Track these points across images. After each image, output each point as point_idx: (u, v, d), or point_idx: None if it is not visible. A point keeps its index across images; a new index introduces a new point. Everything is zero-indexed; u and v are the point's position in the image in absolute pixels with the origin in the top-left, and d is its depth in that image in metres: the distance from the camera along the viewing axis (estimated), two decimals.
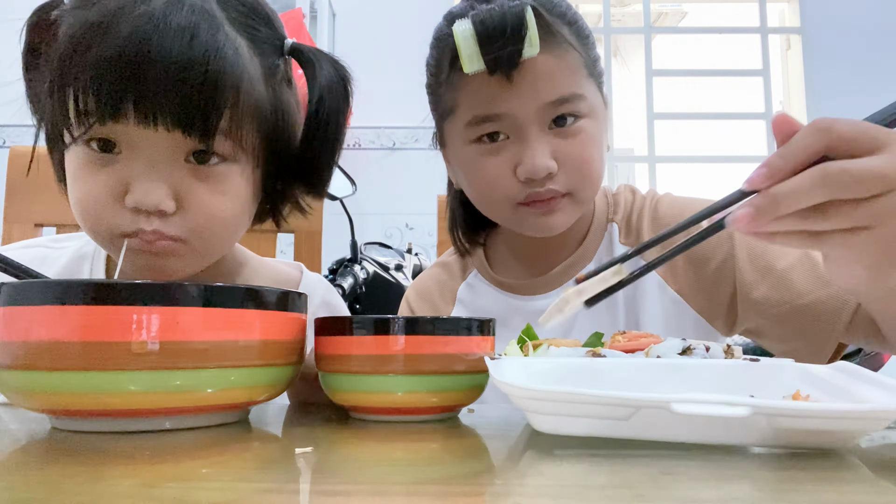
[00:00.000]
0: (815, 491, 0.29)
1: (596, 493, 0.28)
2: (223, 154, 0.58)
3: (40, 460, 0.35)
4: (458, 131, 0.74)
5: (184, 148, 0.57)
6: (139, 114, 0.53)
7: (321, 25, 2.58)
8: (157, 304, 0.38)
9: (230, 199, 0.60)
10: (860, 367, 0.43)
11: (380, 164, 2.60)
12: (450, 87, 0.73)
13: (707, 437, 0.36)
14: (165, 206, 0.56)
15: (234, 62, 0.55)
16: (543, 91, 0.69)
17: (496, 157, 0.72)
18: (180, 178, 0.57)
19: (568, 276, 0.83)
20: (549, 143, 0.70)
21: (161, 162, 0.56)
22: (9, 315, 0.39)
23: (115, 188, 0.56)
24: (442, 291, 0.89)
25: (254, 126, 0.59)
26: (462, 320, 0.47)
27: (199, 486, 0.29)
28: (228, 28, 0.56)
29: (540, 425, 0.37)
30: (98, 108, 0.52)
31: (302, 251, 1.04)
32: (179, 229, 0.57)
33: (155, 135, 0.55)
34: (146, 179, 0.55)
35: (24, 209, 0.97)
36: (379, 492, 0.29)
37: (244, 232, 0.68)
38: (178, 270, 0.61)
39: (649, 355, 0.56)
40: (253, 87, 0.58)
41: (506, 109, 0.69)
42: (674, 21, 3.84)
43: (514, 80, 0.68)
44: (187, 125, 0.54)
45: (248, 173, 0.62)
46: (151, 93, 0.52)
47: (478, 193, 0.77)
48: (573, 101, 0.70)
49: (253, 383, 0.43)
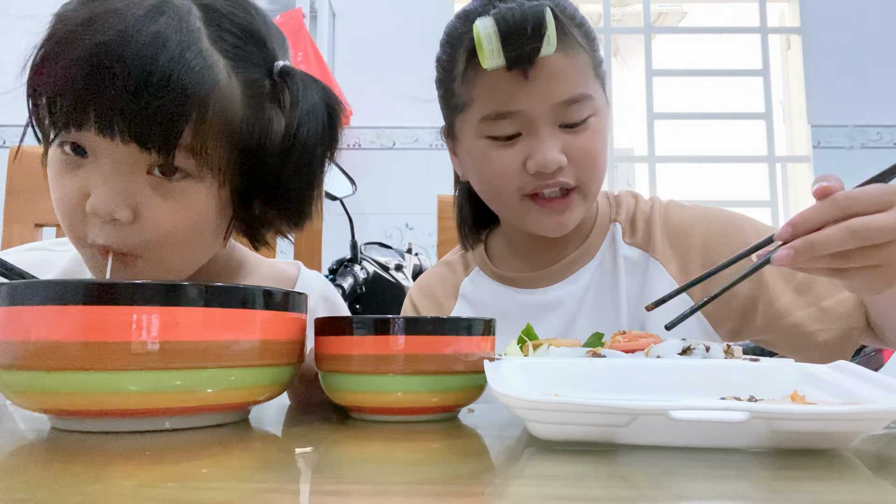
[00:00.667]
0: (815, 491, 0.29)
1: (596, 493, 0.28)
2: (186, 170, 0.57)
3: (40, 460, 0.35)
4: (472, 125, 0.76)
5: (146, 160, 0.56)
6: (98, 123, 0.52)
7: (321, 25, 2.58)
8: (157, 304, 0.38)
9: (189, 216, 0.58)
10: (860, 367, 0.43)
11: (380, 164, 2.60)
12: (465, 83, 0.75)
13: (706, 441, 0.36)
14: (120, 215, 0.55)
15: (201, 78, 0.53)
16: (557, 90, 0.72)
17: (507, 151, 0.74)
18: (140, 189, 0.56)
19: (570, 272, 0.84)
20: (560, 138, 0.73)
21: (123, 171, 0.55)
22: (9, 315, 0.39)
23: (81, 192, 0.56)
24: (444, 287, 0.91)
25: (222, 144, 0.57)
26: (462, 320, 0.47)
27: (199, 486, 0.29)
28: (207, 44, 0.55)
29: (539, 433, 0.37)
30: (62, 116, 0.53)
31: (302, 251, 1.04)
32: (134, 241, 0.57)
33: (114, 147, 0.54)
34: (105, 186, 0.55)
35: (24, 209, 0.97)
36: (379, 492, 0.29)
37: (213, 248, 0.66)
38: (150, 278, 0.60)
39: (649, 355, 0.56)
40: (225, 105, 0.56)
41: (521, 106, 0.72)
42: (674, 21, 3.84)
43: (530, 77, 0.70)
44: (144, 138, 0.53)
45: (214, 191, 0.59)
46: (111, 104, 0.51)
47: (486, 184, 0.79)
48: (582, 102, 0.73)
49: (253, 383, 0.43)
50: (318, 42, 2.48)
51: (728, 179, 3.17)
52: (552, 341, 0.57)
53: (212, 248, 0.65)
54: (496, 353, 0.52)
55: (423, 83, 0.85)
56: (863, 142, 2.60)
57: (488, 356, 0.48)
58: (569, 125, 0.73)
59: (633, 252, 0.83)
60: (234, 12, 0.59)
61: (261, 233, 0.67)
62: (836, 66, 2.62)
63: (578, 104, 0.73)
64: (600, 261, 0.84)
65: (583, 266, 0.84)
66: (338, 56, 2.66)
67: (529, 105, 0.72)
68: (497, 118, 0.73)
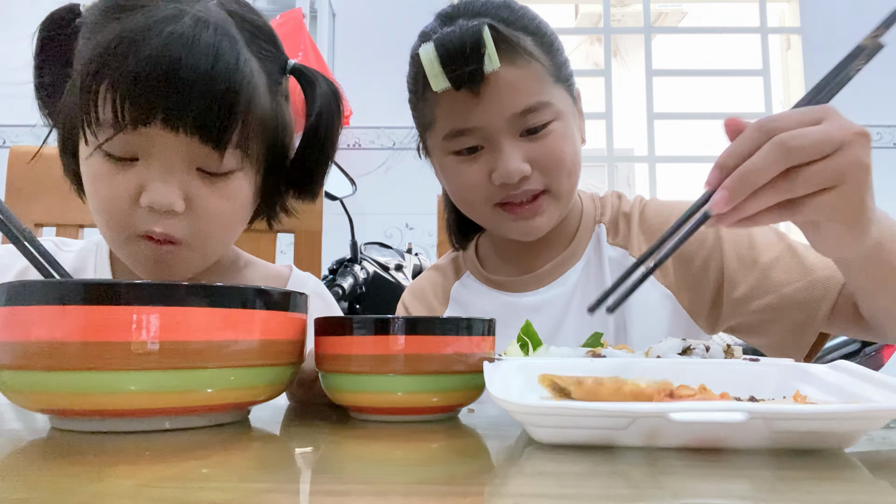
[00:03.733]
0: (814, 491, 0.29)
1: (596, 493, 0.28)
2: (232, 165, 0.63)
3: (40, 460, 0.35)
4: (438, 142, 0.78)
5: (196, 158, 0.61)
6: (166, 119, 0.58)
7: (321, 25, 2.58)
8: (157, 304, 0.38)
9: (234, 204, 0.65)
10: (860, 367, 0.43)
11: (380, 164, 2.60)
12: (427, 103, 0.78)
13: (706, 442, 0.36)
14: (177, 206, 0.60)
15: (248, 80, 0.61)
16: (509, 102, 0.73)
17: (473, 165, 0.76)
18: (191, 183, 0.62)
19: (557, 274, 0.85)
20: (521, 148, 0.74)
21: (175, 169, 0.61)
22: (9, 315, 0.39)
23: (132, 191, 0.60)
24: (436, 291, 0.92)
25: (259, 137, 0.64)
26: (462, 320, 0.47)
27: (199, 486, 0.29)
28: (244, 49, 0.61)
29: (539, 437, 0.37)
30: (131, 114, 0.57)
31: (302, 251, 1.04)
32: (185, 230, 0.62)
33: (172, 143, 0.59)
34: (160, 182, 0.60)
35: (24, 209, 0.97)
36: (379, 492, 0.29)
37: (238, 235, 0.72)
38: (181, 274, 0.65)
39: (649, 355, 0.56)
40: (260, 102, 0.63)
41: (477, 122, 0.74)
42: (674, 21, 3.84)
43: (482, 94, 0.72)
44: (206, 132, 0.59)
45: (251, 179, 0.67)
46: (179, 102, 0.57)
47: (458, 197, 0.81)
48: (540, 110, 0.74)
49: (253, 383, 0.43)
50: (318, 42, 2.48)
51: None
52: None
53: (240, 232, 0.72)
54: (496, 354, 0.52)
55: None
56: None
57: (488, 356, 0.48)
58: (529, 132, 0.74)
59: (615, 252, 0.84)
60: (251, 16, 0.66)
61: (277, 214, 0.75)
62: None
63: (536, 112, 0.73)
64: (586, 262, 0.85)
65: (570, 268, 0.85)
66: (338, 56, 2.66)
67: (485, 120, 0.73)
68: (457, 135, 0.75)
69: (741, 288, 0.76)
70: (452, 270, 0.94)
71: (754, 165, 0.47)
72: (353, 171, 2.17)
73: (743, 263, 0.77)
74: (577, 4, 3.55)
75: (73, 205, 0.93)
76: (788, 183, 0.47)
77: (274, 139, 0.67)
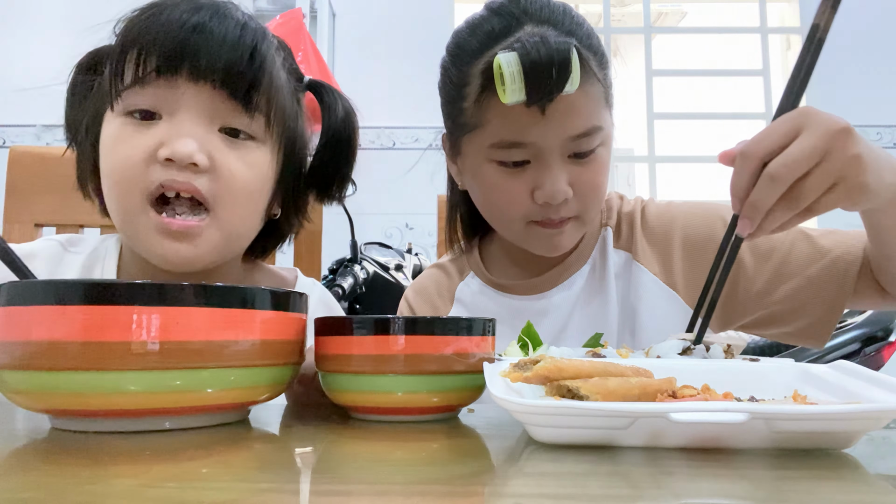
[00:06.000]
0: (814, 491, 0.29)
1: (596, 493, 0.28)
2: (254, 132, 0.65)
3: (40, 460, 0.35)
4: (480, 148, 0.75)
5: (220, 116, 0.63)
6: (193, 69, 0.60)
7: (321, 25, 2.58)
8: (157, 304, 0.38)
9: (255, 171, 0.66)
10: (860, 367, 0.43)
11: (380, 164, 2.60)
12: (477, 105, 0.74)
13: (707, 442, 0.36)
14: (198, 158, 0.60)
15: (274, 58, 0.64)
16: (571, 124, 0.71)
17: (516, 179, 0.74)
18: (213, 142, 0.62)
19: (564, 277, 0.85)
20: (568, 170, 0.73)
21: (199, 126, 0.62)
22: (9, 315, 0.39)
23: (152, 146, 0.60)
24: (440, 291, 0.91)
25: (281, 122, 0.67)
26: (462, 320, 0.47)
27: (199, 486, 0.29)
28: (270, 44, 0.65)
29: (540, 437, 0.37)
30: (159, 60, 0.59)
31: (302, 251, 1.04)
32: (208, 187, 0.62)
33: (196, 100, 0.61)
34: (183, 136, 0.60)
35: (24, 209, 0.97)
36: (379, 492, 0.29)
37: (259, 225, 0.71)
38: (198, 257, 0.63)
39: (649, 355, 0.56)
40: (284, 92, 0.66)
41: (534, 139, 0.71)
42: (674, 21, 3.84)
43: (547, 112, 0.70)
44: (234, 86, 0.61)
45: (271, 158, 0.68)
46: (208, 53, 0.60)
47: (493, 209, 0.79)
48: (593, 135, 0.73)
49: (253, 383, 0.43)
50: (318, 42, 2.48)
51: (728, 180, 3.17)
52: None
53: (257, 225, 0.71)
54: (496, 355, 0.52)
55: (422, 83, 0.85)
56: None
57: (488, 356, 0.48)
58: (577, 155, 0.73)
59: (619, 256, 0.85)
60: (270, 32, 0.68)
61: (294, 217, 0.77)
62: (836, 66, 2.62)
63: (589, 137, 0.72)
64: (592, 265, 0.85)
65: (576, 272, 0.85)
66: (338, 56, 2.66)
67: (542, 138, 0.71)
68: (508, 146, 0.73)
69: (760, 281, 0.77)
70: (456, 270, 0.92)
71: (757, 198, 0.53)
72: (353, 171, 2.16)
73: (758, 255, 0.77)
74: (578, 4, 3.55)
75: (73, 205, 0.93)
76: (794, 199, 0.53)
77: (294, 139, 0.69)
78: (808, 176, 0.52)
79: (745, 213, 0.54)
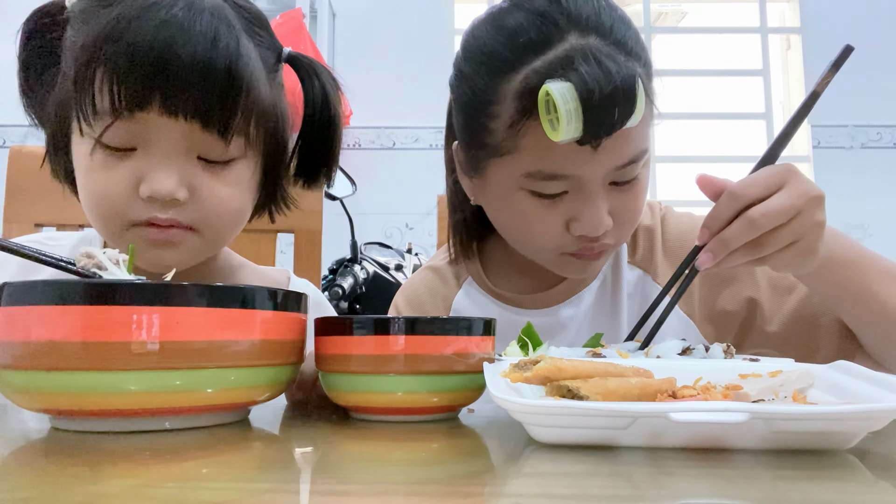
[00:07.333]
0: (814, 491, 0.29)
1: (596, 492, 0.28)
2: (234, 149, 0.61)
3: (40, 460, 0.35)
4: (510, 175, 0.66)
5: (196, 146, 0.59)
6: (164, 103, 0.56)
7: (321, 25, 2.58)
8: (157, 304, 0.38)
9: (239, 191, 0.64)
10: (860, 366, 0.43)
11: (380, 164, 2.60)
12: (511, 130, 0.63)
13: (707, 442, 0.36)
14: (179, 194, 0.58)
15: (248, 65, 0.59)
16: (619, 154, 0.63)
17: (551, 210, 0.66)
18: (192, 171, 0.60)
19: (573, 292, 0.80)
20: (609, 199, 0.66)
21: (175, 157, 0.59)
22: (9, 315, 0.39)
23: (130, 181, 0.58)
24: (434, 300, 0.84)
25: (261, 125, 0.63)
26: (462, 320, 0.47)
27: (199, 486, 0.29)
28: (242, 34, 0.60)
29: (540, 437, 0.37)
30: (127, 98, 0.55)
31: (302, 251, 1.04)
32: (192, 218, 0.61)
33: (172, 131, 0.57)
34: (160, 170, 0.58)
35: (24, 209, 0.97)
36: (379, 492, 0.29)
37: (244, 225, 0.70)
38: (180, 262, 0.62)
39: (649, 355, 0.56)
40: (260, 89, 0.61)
41: (577, 171, 0.63)
42: (674, 21, 3.84)
43: (599, 147, 0.61)
44: (207, 117, 0.57)
45: (254, 168, 0.65)
46: (177, 85, 0.55)
47: (522, 239, 0.72)
48: (638, 160, 0.65)
49: (253, 383, 0.43)
50: (318, 42, 2.48)
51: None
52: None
53: (244, 223, 0.69)
54: (496, 355, 0.52)
55: (422, 83, 0.85)
56: (863, 142, 2.60)
57: (488, 356, 0.48)
58: (619, 183, 0.66)
59: (634, 273, 0.80)
60: (245, 2, 0.64)
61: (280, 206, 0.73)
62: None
63: (635, 164, 0.65)
64: (602, 281, 0.80)
65: (585, 287, 0.80)
66: (338, 56, 2.66)
67: (586, 170, 0.63)
68: (546, 178, 0.64)
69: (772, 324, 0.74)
70: (452, 275, 0.85)
71: (732, 236, 0.56)
72: (353, 171, 2.16)
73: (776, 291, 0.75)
74: None
75: (73, 205, 0.93)
76: (758, 246, 0.56)
77: (274, 127, 0.65)
78: (776, 230, 0.55)
79: (712, 247, 0.57)
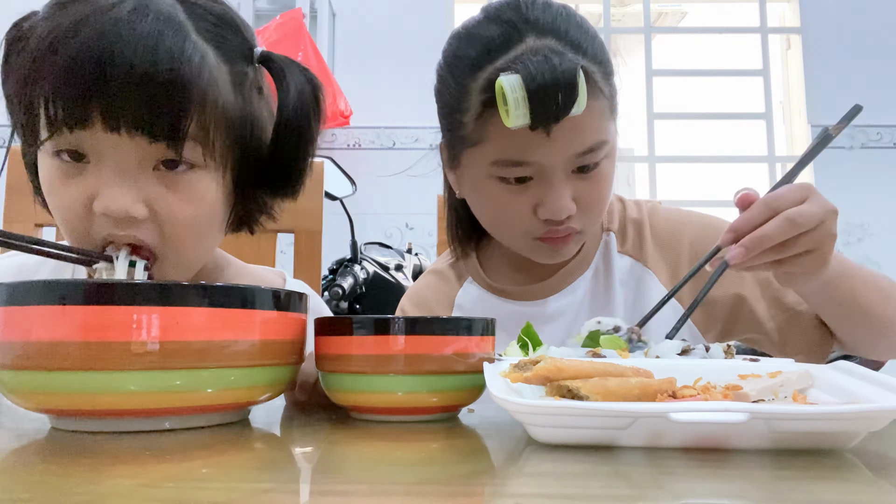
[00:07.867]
0: (814, 491, 0.29)
1: (596, 493, 0.28)
2: (192, 161, 0.58)
3: (40, 460, 0.35)
4: (481, 164, 0.73)
5: (152, 156, 0.56)
6: (105, 120, 0.53)
7: (321, 25, 2.58)
8: (157, 304, 0.38)
9: (201, 206, 0.60)
10: (860, 367, 0.43)
11: (380, 164, 2.60)
12: (478, 122, 0.71)
13: (707, 442, 0.36)
14: (135, 211, 0.55)
15: (200, 69, 0.55)
16: (576, 142, 0.70)
17: (519, 196, 0.73)
18: (149, 185, 0.57)
19: (567, 283, 0.84)
20: (572, 186, 0.72)
21: (129, 170, 0.56)
22: (9, 315, 0.39)
23: (86, 197, 0.56)
24: (438, 299, 0.89)
25: (222, 132, 0.59)
26: (462, 320, 0.47)
27: (199, 486, 0.29)
28: (195, 36, 0.56)
29: (540, 437, 0.37)
30: (65, 115, 0.52)
31: (302, 251, 1.04)
32: (152, 236, 0.57)
33: (122, 143, 0.54)
34: (114, 186, 0.55)
35: (24, 209, 0.97)
36: (379, 492, 0.29)
37: (219, 240, 0.67)
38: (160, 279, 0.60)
39: (649, 355, 0.56)
40: (220, 94, 0.57)
41: (538, 158, 0.70)
42: (674, 21, 3.84)
43: (552, 133, 0.67)
44: (153, 130, 0.53)
45: (219, 179, 0.61)
46: (116, 98, 0.52)
47: (494, 224, 0.79)
48: (598, 149, 0.71)
49: (253, 383, 0.43)
50: (318, 42, 2.48)
51: (728, 179, 3.17)
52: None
53: (217, 241, 0.67)
54: (496, 355, 0.52)
55: (422, 83, 0.84)
56: (863, 142, 2.60)
57: (488, 356, 0.48)
58: (581, 169, 0.72)
59: (625, 261, 0.84)
60: (208, 3, 0.60)
61: (258, 218, 0.69)
62: (836, 66, 2.62)
63: (594, 152, 0.71)
64: (595, 270, 0.84)
65: (578, 277, 0.84)
66: (338, 56, 2.66)
67: (546, 157, 0.70)
68: (511, 165, 0.71)
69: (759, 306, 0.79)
70: (454, 276, 0.90)
71: (770, 232, 0.59)
72: (353, 171, 2.16)
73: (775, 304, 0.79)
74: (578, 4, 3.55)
75: None
76: (785, 248, 0.61)
77: (242, 135, 0.61)
78: (802, 235, 0.60)
79: (748, 244, 0.60)
